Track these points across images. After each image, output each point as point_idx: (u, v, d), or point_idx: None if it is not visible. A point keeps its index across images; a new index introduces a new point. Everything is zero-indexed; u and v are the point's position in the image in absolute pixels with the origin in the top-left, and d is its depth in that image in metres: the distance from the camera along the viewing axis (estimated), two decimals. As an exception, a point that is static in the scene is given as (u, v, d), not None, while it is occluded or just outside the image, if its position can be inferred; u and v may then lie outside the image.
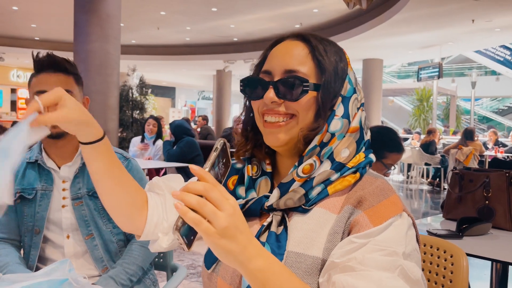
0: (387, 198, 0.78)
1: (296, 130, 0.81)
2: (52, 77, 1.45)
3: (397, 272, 0.70)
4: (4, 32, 12.74)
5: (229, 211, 0.62)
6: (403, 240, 0.74)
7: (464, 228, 1.77)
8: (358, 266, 0.70)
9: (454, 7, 8.44)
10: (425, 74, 14.47)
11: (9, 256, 1.43)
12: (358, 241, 0.73)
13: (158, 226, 0.91)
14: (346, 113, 0.82)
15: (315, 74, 0.82)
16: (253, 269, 0.64)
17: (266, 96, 0.81)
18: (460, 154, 7.44)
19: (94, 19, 5.89)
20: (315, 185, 0.80)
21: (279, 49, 0.85)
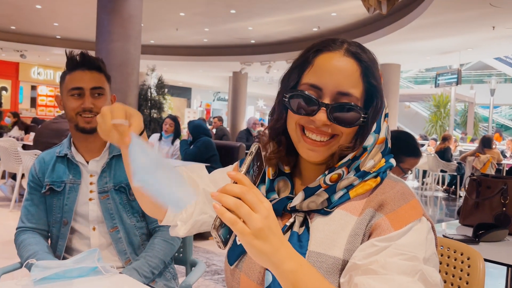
0: (408, 203, 0.80)
1: (335, 148, 0.83)
2: (87, 74, 1.51)
3: (417, 276, 0.72)
4: (26, 30, 13.02)
5: (263, 213, 0.64)
6: (423, 244, 0.76)
7: (481, 234, 1.78)
8: (380, 270, 0.73)
9: (475, 13, 8.35)
10: (443, 80, 14.31)
11: (38, 245, 1.50)
12: (379, 245, 0.76)
13: (178, 214, 0.94)
14: (378, 128, 0.84)
15: (364, 96, 0.83)
16: (285, 270, 0.67)
17: (319, 118, 0.80)
18: (477, 162, 7.35)
19: (116, 19, 6.00)
20: (338, 190, 0.83)
21: (330, 63, 0.82)
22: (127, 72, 6.00)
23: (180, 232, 0.94)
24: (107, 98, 1.56)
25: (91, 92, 1.51)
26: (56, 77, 18.60)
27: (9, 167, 5.39)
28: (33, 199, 1.58)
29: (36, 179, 1.59)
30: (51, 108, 18.50)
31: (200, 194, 0.96)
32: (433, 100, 18.21)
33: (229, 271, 0.89)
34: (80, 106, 1.50)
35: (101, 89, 1.53)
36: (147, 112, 8.51)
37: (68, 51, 1.54)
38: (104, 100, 1.54)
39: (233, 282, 0.88)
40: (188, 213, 0.94)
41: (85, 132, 1.52)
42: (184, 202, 0.74)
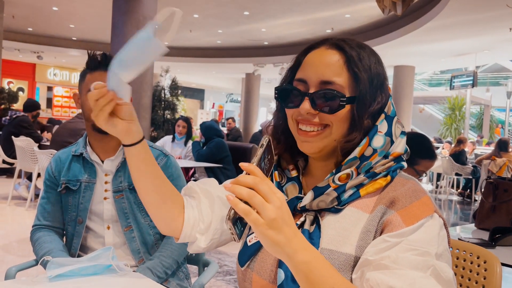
0: (419, 199, 0.79)
1: (329, 139, 0.84)
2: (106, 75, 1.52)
3: (429, 272, 0.72)
4: (43, 31, 13.23)
5: (276, 203, 0.65)
6: (435, 240, 0.76)
7: (497, 237, 1.76)
8: (392, 265, 0.72)
9: (491, 15, 8.24)
10: (459, 83, 14.13)
11: (53, 243, 1.52)
12: (391, 240, 0.75)
13: (195, 227, 0.95)
14: (389, 131, 0.84)
15: (350, 85, 0.83)
16: (298, 261, 0.67)
17: (302, 107, 0.82)
18: (493, 165, 7.24)
19: (131, 20, 6.06)
20: (348, 189, 0.83)
21: (314, 57, 0.85)
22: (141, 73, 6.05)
23: (201, 244, 0.94)
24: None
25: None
26: (71, 78, 18.86)
27: (25, 167, 5.47)
28: (49, 197, 1.60)
29: (52, 178, 1.61)
30: (66, 109, 18.75)
31: (215, 202, 0.97)
32: (448, 102, 18.00)
33: (241, 272, 0.90)
34: None
35: None
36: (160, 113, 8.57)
37: (90, 51, 1.55)
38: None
39: (245, 283, 0.89)
40: (206, 223, 0.95)
41: (102, 132, 1.53)
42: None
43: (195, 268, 1.81)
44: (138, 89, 5.94)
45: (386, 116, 0.84)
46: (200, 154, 5.02)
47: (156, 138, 7.96)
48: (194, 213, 0.96)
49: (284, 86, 0.88)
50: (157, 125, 8.39)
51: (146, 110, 6.21)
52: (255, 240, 0.87)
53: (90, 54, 1.55)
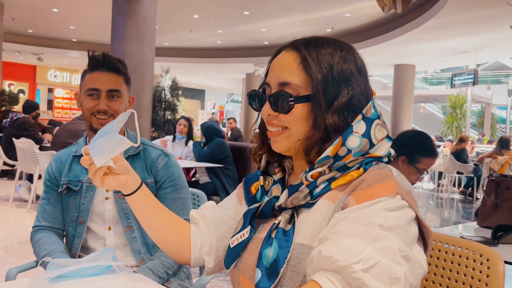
0: (382, 183, 0.76)
1: (293, 139, 0.85)
2: (105, 76, 1.53)
3: (367, 239, 0.68)
4: (43, 33, 13.25)
5: None
6: (384, 214, 0.71)
7: (500, 235, 1.75)
8: (332, 235, 0.72)
9: (491, 13, 8.23)
10: (459, 81, 14.12)
11: (54, 245, 1.51)
12: (339, 216, 0.74)
13: (202, 250, 1.00)
14: (367, 133, 0.82)
15: (307, 84, 0.83)
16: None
17: (263, 110, 0.87)
18: (495, 163, 7.23)
19: (131, 21, 6.06)
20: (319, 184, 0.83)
21: (276, 61, 0.88)
22: (142, 74, 6.05)
23: (209, 264, 1.00)
24: (123, 101, 1.57)
25: (107, 94, 1.52)
26: (72, 80, 18.88)
27: (26, 168, 5.47)
28: (49, 198, 1.60)
29: (52, 178, 1.60)
30: (67, 111, 18.76)
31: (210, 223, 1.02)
32: (449, 101, 17.98)
33: (231, 272, 0.93)
34: (95, 107, 1.52)
35: (118, 92, 1.54)
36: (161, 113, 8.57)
37: (90, 51, 1.55)
38: (120, 103, 1.55)
39: (234, 283, 0.93)
40: (208, 245, 1.00)
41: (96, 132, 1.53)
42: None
43: (197, 268, 1.80)
44: (138, 90, 5.94)
45: (364, 118, 0.82)
46: (201, 154, 5.01)
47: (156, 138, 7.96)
48: (199, 237, 1.01)
49: (249, 92, 0.92)
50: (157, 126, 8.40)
51: (147, 110, 6.21)
52: (236, 242, 0.89)
53: (89, 54, 1.55)
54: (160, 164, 1.60)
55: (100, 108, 1.51)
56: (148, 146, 1.63)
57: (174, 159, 1.65)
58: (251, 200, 0.96)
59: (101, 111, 1.52)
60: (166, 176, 1.59)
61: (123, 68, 1.57)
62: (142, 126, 6.10)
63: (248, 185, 0.99)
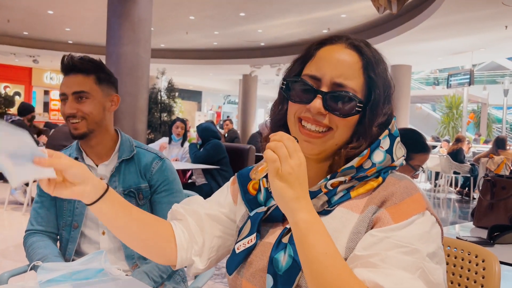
0: (410, 196, 0.77)
1: (331, 143, 0.81)
2: (71, 79, 1.48)
3: (418, 273, 0.70)
4: (39, 35, 13.20)
5: (297, 161, 0.70)
6: (425, 238, 0.73)
7: (496, 235, 1.74)
8: (380, 264, 0.70)
9: (487, 13, 8.25)
10: (455, 81, 14.16)
11: (48, 249, 1.49)
12: (378, 235, 0.73)
13: (189, 250, 0.93)
14: (390, 149, 0.82)
15: (363, 90, 0.81)
16: (299, 218, 0.70)
17: (313, 105, 0.79)
18: (491, 163, 7.24)
19: (126, 23, 6.04)
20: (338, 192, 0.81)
21: (330, 54, 0.82)
22: (137, 76, 6.03)
23: (199, 266, 0.93)
24: (95, 101, 1.49)
25: (74, 97, 1.47)
26: (68, 82, 18.80)
27: (21, 171, 5.44)
28: (43, 201, 1.58)
29: (45, 182, 1.58)
30: (63, 113, 18.69)
31: (203, 220, 0.95)
32: (445, 101, 18.02)
33: (231, 279, 0.89)
34: (64, 112, 1.49)
35: (84, 93, 1.47)
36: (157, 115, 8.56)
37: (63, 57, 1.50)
38: (89, 104, 1.48)
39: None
40: (199, 244, 0.93)
41: (75, 138, 1.51)
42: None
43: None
44: (134, 92, 5.92)
45: (389, 134, 0.83)
46: (197, 156, 5.00)
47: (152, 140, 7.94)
48: (185, 236, 0.93)
49: (295, 79, 0.83)
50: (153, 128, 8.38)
51: (143, 112, 6.19)
52: (243, 248, 0.86)
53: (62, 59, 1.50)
54: (155, 168, 1.58)
55: (65, 112, 1.47)
56: (142, 149, 1.61)
57: (169, 163, 1.63)
58: (251, 201, 0.92)
59: (70, 115, 1.47)
60: (160, 180, 1.57)
61: (92, 68, 1.50)
62: (138, 128, 6.08)
63: (244, 184, 0.94)
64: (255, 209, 0.89)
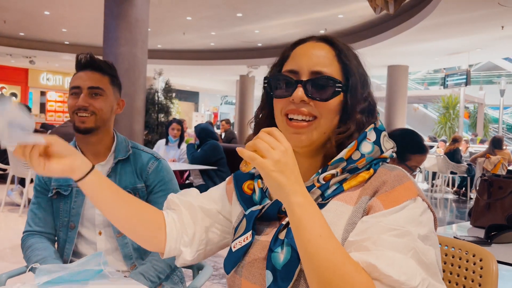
0: (401, 184, 0.79)
1: (319, 131, 0.83)
2: (87, 74, 1.52)
3: (410, 254, 0.71)
4: (35, 36, 13.16)
5: (281, 148, 0.71)
6: (416, 221, 0.75)
7: (493, 235, 1.75)
8: (373, 246, 0.72)
9: (483, 13, 8.28)
10: (452, 81, 14.20)
11: (47, 251, 1.48)
12: (370, 220, 0.75)
13: (179, 240, 0.93)
14: (377, 141, 0.85)
15: (340, 76, 0.84)
16: (293, 202, 0.72)
17: (295, 95, 0.82)
18: (488, 163, 7.27)
19: (123, 23, 6.03)
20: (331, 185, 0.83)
21: (304, 49, 0.86)
22: (134, 77, 6.02)
23: (187, 257, 0.94)
24: (107, 99, 1.53)
25: (88, 92, 1.50)
26: (65, 83, 18.76)
27: (18, 172, 5.43)
28: (39, 202, 1.58)
29: (42, 183, 1.58)
30: (60, 114, 18.65)
31: (197, 212, 0.96)
32: (442, 101, 18.07)
33: (230, 278, 0.89)
34: (75, 104, 1.50)
35: (99, 89, 1.51)
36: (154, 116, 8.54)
37: (78, 54, 1.54)
38: (102, 101, 1.51)
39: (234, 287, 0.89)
40: (189, 236, 0.94)
41: (80, 131, 1.51)
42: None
43: (190, 271, 1.79)
44: (131, 92, 5.91)
45: (375, 127, 0.86)
46: (194, 156, 4.99)
47: (150, 141, 7.93)
48: (177, 226, 0.94)
49: (275, 75, 0.87)
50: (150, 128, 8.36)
51: (140, 113, 6.18)
52: (239, 246, 0.87)
53: (77, 58, 1.54)
54: (151, 169, 1.58)
55: (79, 104, 1.48)
56: (138, 150, 1.61)
57: (165, 163, 1.63)
58: (246, 201, 0.93)
59: (81, 108, 1.48)
60: (157, 181, 1.57)
61: (108, 69, 1.55)
62: (135, 129, 6.07)
63: (239, 184, 0.96)
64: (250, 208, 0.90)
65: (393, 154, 0.88)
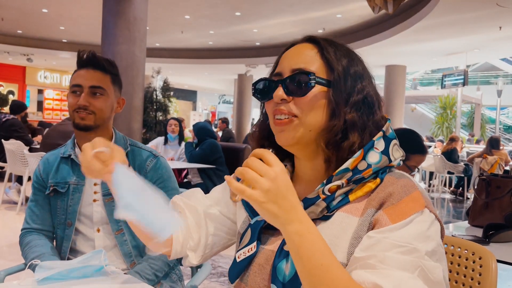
0: (409, 195, 0.76)
1: (304, 129, 0.81)
2: (90, 73, 1.51)
3: (417, 272, 0.69)
4: (33, 34, 13.12)
5: (270, 175, 0.68)
6: (424, 236, 0.72)
7: (491, 234, 1.75)
8: (378, 264, 0.70)
9: (481, 14, 8.30)
10: (450, 82, 14.23)
11: (44, 247, 1.48)
12: (376, 236, 0.73)
13: (185, 244, 0.94)
14: (386, 151, 0.82)
15: (324, 72, 0.82)
16: (291, 231, 0.69)
17: (275, 94, 0.82)
18: (485, 163, 7.29)
19: (121, 22, 6.02)
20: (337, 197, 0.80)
21: (289, 52, 0.87)
22: (133, 75, 6.01)
23: (193, 261, 0.94)
24: (108, 99, 1.53)
25: (89, 91, 1.49)
26: (62, 81, 18.72)
27: (15, 170, 5.41)
28: (37, 200, 1.57)
29: (40, 180, 1.58)
30: (57, 112, 18.61)
31: (201, 218, 0.96)
32: (439, 101, 18.11)
33: (235, 286, 0.89)
34: (76, 103, 1.49)
35: (101, 89, 1.51)
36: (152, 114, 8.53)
37: (79, 51, 1.53)
38: (103, 101, 1.51)
39: None
40: (195, 241, 0.94)
41: (79, 128, 1.51)
42: (170, 228, 0.77)
43: (188, 269, 1.79)
44: (129, 91, 5.90)
45: (384, 136, 0.82)
46: (193, 155, 4.99)
47: (148, 140, 7.92)
48: (182, 230, 0.94)
49: (259, 79, 0.88)
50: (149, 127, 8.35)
51: (138, 112, 6.17)
52: (243, 256, 0.86)
53: (78, 55, 1.53)
54: (149, 166, 1.58)
55: (79, 103, 1.48)
56: (136, 147, 1.61)
57: (164, 160, 1.63)
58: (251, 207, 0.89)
59: (81, 107, 1.48)
60: (155, 178, 1.57)
61: (110, 68, 1.55)
62: (133, 127, 6.06)
63: None
64: (255, 216, 0.89)
65: (400, 162, 0.85)
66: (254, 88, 0.88)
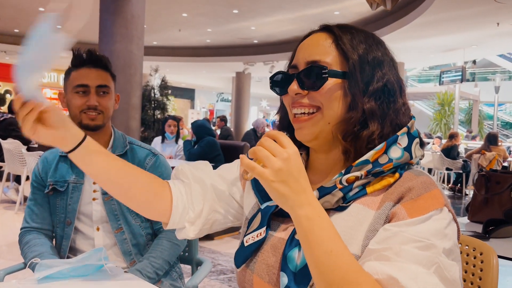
0: (429, 192, 0.74)
1: (323, 122, 0.80)
2: (93, 72, 1.51)
3: (433, 269, 0.67)
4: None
5: (283, 156, 0.67)
6: (442, 233, 0.70)
7: (491, 229, 1.76)
8: (394, 257, 0.68)
9: (479, 10, 8.30)
10: (447, 78, 14.25)
11: (44, 246, 1.48)
12: (392, 229, 0.71)
13: (184, 215, 0.91)
14: (408, 148, 0.80)
15: (340, 63, 0.80)
16: (300, 215, 0.68)
17: (290, 88, 0.81)
18: (483, 159, 7.30)
19: (119, 20, 5.99)
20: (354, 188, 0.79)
21: (305, 43, 0.85)
22: (130, 73, 5.99)
23: (190, 234, 0.91)
24: (111, 97, 1.56)
25: (96, 90, 1.51)
26: (60, 80, 18.66)
27: (13, 169, 5.40)
28: (36, 199, 1.57)
29: (39, 179, 1.57)
30: (55, 111, 18.55)
31: (208, 191, 0.93)
32: (437, 98, 18.13)
33: (241, 272, 0.86)
34: (85, 104, 1.49)
35: (107, 88, 1.53)
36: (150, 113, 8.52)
37: (75, 49, 1.52)
38: (108, 99, 1.53)
39: (245, 283, 0.86)
40: (196, 212, 0.91)
41: (89, 129, 1.50)
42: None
43: (189, 267, 1.79)
44: (127, 89, 5.88)
45: (408, 132, 0.81)
46: (191, 153, 4.99)
47: (146, 138, 7.91)
48: (183, 199, 0.91)
49: (275, 73, 0.86)
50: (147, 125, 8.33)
51: (136, 110, 6.15)
52: (251, 241, 0.84)
53: (74, 52, 1.52)
54: (148, 164, 1.58)
55: (90, 104, 1.49)
56: (135, 146, 1.61)
57: (163, 158, 1.63)
58: (262, 192, 0.89)
59: (92, 107, 1.49)
60: None
61: (109, 65, 1.56)
62: (131, 126, 6.04)
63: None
64: (266, 202, 0.87)
65: (419, 161, 0.84)
66: (271, 82, 0.87)
